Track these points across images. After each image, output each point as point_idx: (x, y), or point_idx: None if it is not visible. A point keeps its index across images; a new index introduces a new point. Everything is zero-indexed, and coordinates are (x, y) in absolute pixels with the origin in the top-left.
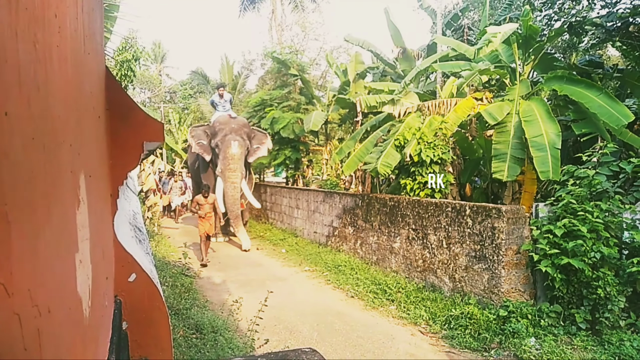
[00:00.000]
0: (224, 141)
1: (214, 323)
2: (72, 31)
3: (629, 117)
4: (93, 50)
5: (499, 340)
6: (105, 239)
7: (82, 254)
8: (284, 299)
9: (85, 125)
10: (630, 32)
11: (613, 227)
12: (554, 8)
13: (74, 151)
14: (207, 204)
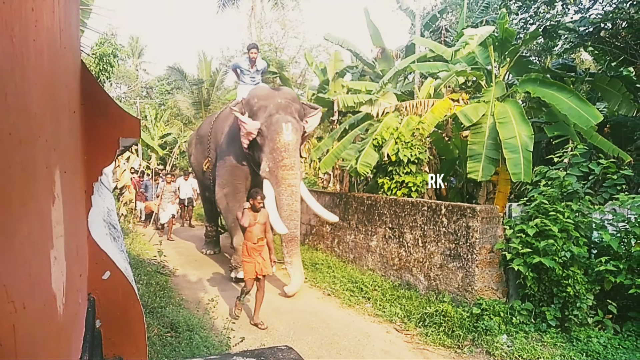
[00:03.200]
0: (271, 124)
1: (190, 321)
2: (49, 25)
3: (598, 117)
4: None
5: (472, 338)
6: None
7: (57, 251)
8: None
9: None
10: (602, 37)
11: (583, 227)
12: (530, 12)
13: (50, 147)
14: (257, 225)
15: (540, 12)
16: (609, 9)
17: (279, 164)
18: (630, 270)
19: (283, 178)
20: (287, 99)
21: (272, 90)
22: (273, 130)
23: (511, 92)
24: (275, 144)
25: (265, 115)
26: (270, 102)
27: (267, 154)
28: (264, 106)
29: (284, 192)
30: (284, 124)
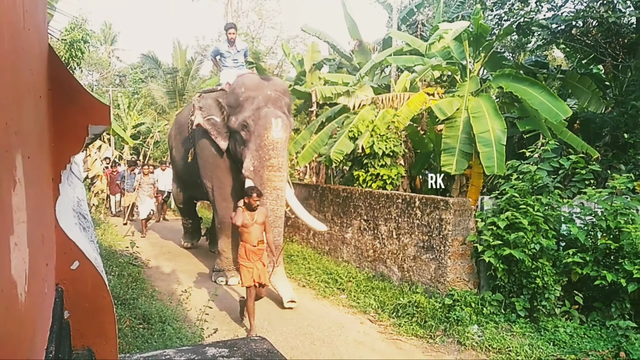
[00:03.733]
0: (259, 118)
1: (162, 313)
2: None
3: (567, 112)
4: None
5: (444, 328)
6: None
7: (18, 237)
8: (235, 289)
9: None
10: (573, 35)
11: (552, 220)
12: (504, 8)
13: (10, 130)
14: (255, 225)
15: (515, 8)
16: (580, 7)
17: (265, 164)
18: (596, 262)
19: (269, 180)
20: (278, 92)
21: (262, 80)
22: (261, 125)
23: (485, 87)
24: (263, 141)
25: (252, 108)
26: (259, 93)
27: (252, 151)
28: (251, 97)
29: (269, 195)
30: (274, 120)
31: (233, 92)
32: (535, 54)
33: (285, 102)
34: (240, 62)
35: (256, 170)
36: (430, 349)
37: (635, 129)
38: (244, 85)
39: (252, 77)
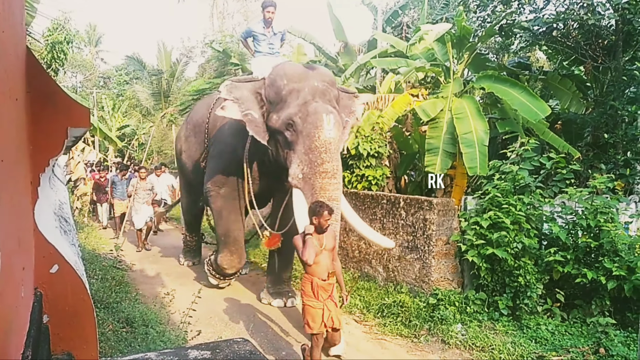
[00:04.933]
0: (307, 115)
1: (146, 316)
2: None
3: (546, 111)
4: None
5: (428, 327)
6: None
7: None
8: (220, 291)
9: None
10: (554, 37)
11: (534, 219)
12: (487, 10)
13: None
14: (324, 252)
15: (497, 10)
16: (560, 9)
17: (316, 170)
18: (577, 261)
19: (322, 189)
20: (326, 82)
21: (306, 69)
22: (310, 123)
23: (469, 89)
24: (313, 142)
25: (298, 103)
26: (305, 84)
27: (300, 155)
28: (296, 90)
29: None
30: (325, 116)
31: (273, 84)
32: (518, 55)
33: (334, 95)
34: (277, 47)
35: (306, 178)
36: (415, 348)
37: (615, 129)
38: (286, 76)
39: (295, 65)
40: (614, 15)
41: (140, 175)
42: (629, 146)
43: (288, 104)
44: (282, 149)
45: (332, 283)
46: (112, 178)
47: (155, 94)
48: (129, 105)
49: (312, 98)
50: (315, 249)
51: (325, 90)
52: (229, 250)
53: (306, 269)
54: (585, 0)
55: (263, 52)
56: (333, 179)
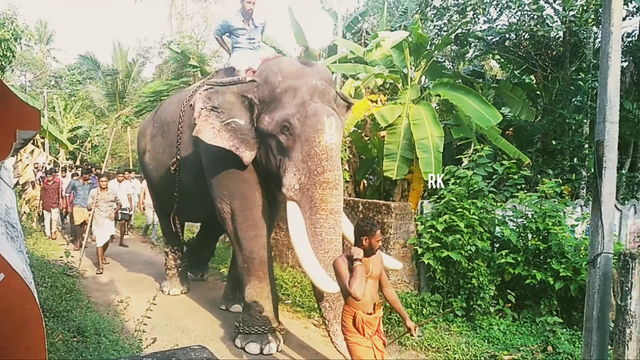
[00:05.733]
0: (306, 117)
1: (98, 325)
2: None
3: (498, 118)
4: None
5: (386, 329)
6: None
7: None
8: (176, 297)
9: None
10: (507, 47)
11: (486, 223)
12: (444, 19)
13: None
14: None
15: (453, 20)
16: (513, 20)
17: (316, 179)
18: (527, 262)
19: (323, 201)
20: (324, 81)
21: (303, 66)
22: (310, 126)
23: (425, 95)
24: (313, 148)
25: (295, 103)
26: (303, 82)
27: (297, 163)
28: (292, 88)
29: (324, 222)
30: (326, 118)
31: (266, 81)
32: (473, 63)
33: (332, 96)
34: (258, 41)
35: (304, 189)
36: None
37: (563, 136)
38: (282, 72)
39: (291, 60)
40: (561, 27)
41: (101, 184)
42: (575, 152)
43: (283, 104)
44: (275, 156)
45: (379, 317)
46: (73, 183)
47: (109, 95)
48: (81, 106)
49: (310, 98)
50: (363, 276)
51: (325, 90)
52: (256, 276)
53: (347, 300)
54: (536, 12)
55: (243, 47)
56: (335, 190)
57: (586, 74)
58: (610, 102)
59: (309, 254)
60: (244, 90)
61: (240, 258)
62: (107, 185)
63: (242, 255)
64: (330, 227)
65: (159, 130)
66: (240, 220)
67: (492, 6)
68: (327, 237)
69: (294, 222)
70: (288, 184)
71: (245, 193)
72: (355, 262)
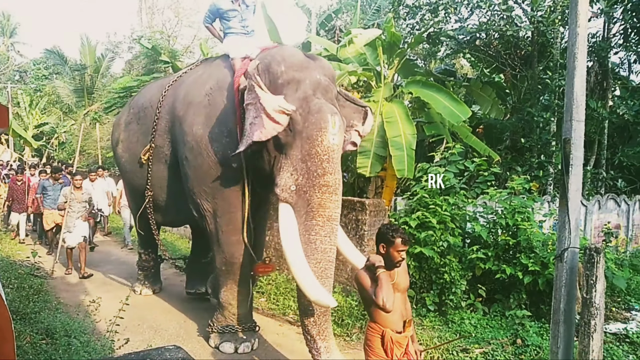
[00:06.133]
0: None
1: (68, 326)
2: None
3: (467, 113)
4: None
5: (360, 326)
6: None
7: None
8: (149, 297)
9: None
10: (477, 46)
11: (458, 219)
12: (416, 18)
13: None
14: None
15: (426, 19)
16: (483, 20)
17: (315, 182)
18: (497, 258)
19: (321, 206)
20: (328, 77)
21: (306, 58)
22: (313, 123)
23: (398, 93)
24: (314, 147)
25: (298, 97)
26: (306, 75)
27: (295, 162)
28: (295, 81)
29: (321, 229)
30: (330, 117)
31: (268, 69)
32: (444, 62)
33: (335, 94)
34: (249, 24)
35: (301, 192)
36: (347, 346)
37: (531, 133)
38: (285, 62)
39: (295, 51)
40: (530, 27)
41: (75, 183)
42: (542, 150)
43: (285, 97)
44: (269, 152)
45: (408, 336)
46: (43, 182)
47: (77, 91)
48: (48, 101)
49: (312, 93)
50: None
51: (328, 86)
52: (234, 280)
53: (374, 316)
54: (505, 12)
55: (235, 31)
56: (334, 195)
57: (553, 73)
58: (577, 102)
59: (302, 262)
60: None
61: (218, 259)
62: (82, 185)
63: (221, 258)
64: (326, 235)
65: (134, 117)
66: (223, 223)
67: (463, 6)
68: (321, 245)
69: (287, 226)
70: (283, 184)
71: (228, 194)
72: (378, 269)
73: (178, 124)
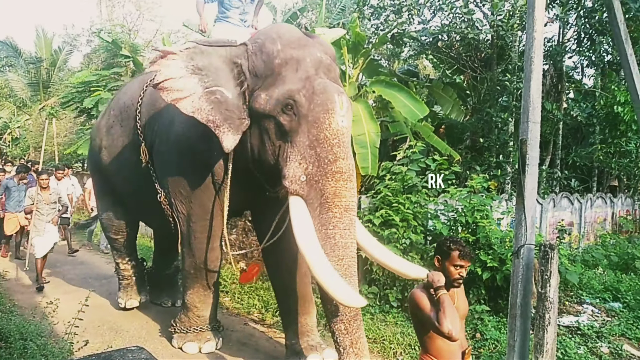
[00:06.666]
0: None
1: (24, 329)
2: None
3: (425, 111)
4: None
5: (324, 323)
6: None
7: None
8: (109, 298)
9: None
10: (439, 47)
11: (420, 217)
12: (380, 19)
13: None
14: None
15: (390, 20)
16: (445, 22)
17: (327, 169)
18: None
19: (336, 195)
20: (329, 56)
21: (305, 36)
22: (319, 105)
23: (362, 92)
24: (322, 131)
25: (299, 77)
26: (306, 53)
27: (302, 149)
28: (294, 59)
29: (339, 221)
30: (337, 97)
31: (262, 49)
32: (408, 62)
33: (338, 74)
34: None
35: (312, 181)
36: None
37: (490, 134)
38: (281, 40)
39: (291, 28)
40: (490, 31)
41: (42, 183)
42: (501, 150)
43: (284, 78)
44: (273, 142)
45: None
46: (5, 182)
47: (32, 84)
48: (0, 95)
49: (315, 72)
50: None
51: (330, 65)
52: (202, 284)
53: (429, 345)
54: (466, 15)
55: (232, 22)
56: (349, 182)
57: (512, 75)
58: (533, 104)
59: (323, 261)
60: (235, 56)
61: (188, 262)
62: (49, 184)
63: (191, 262)
64: (345, 227)
65: (116, 119)
66: (197, 229)
67: (426, 8)
68: (341, 240)
69: (301, 221)
70: (292, 175)
71: (207, 200)
72: (438, 290)
73: (157, 119)
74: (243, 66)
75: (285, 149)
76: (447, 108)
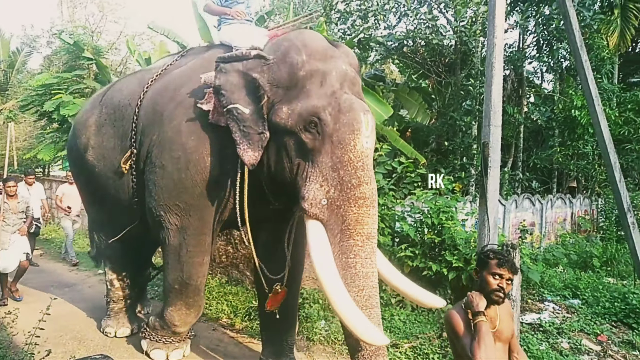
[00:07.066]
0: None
1: None
2: None
3: (389, 112)
4: None
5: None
6: None
7: None
8: (72, 306)
9: None
10: (405, 53)
11: (387, 219)
12: (347, 24)
13: None
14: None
15: (356, 24)
16: (410, 28)
17: (350, 194)
18: (424, 255)
19: (358, 222)
20: (354, 68)
21: (331, 46)
22: (346, 124)
23: None
24: (347, 153)
25: (325, 92)
26: (332, 66)
27: (325, 170)
28: (320, 72)
29: (360, 250)
30: (363, 116)
31: (285, 59)
32: (374, 67)
33: (360, 86)
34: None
35: (333, 206)
36: None
37: (454, 137)
38: (306, 50)
39: (316, 36)
40: (453, 36)
41: (9, 190)
42: (465, 152)
43: (308, 92)
44: (291, 159)
45: None
46: None
47: None
48: None
49: (340, 87)
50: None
51: (354, 78)
52: (186, 302)
53: None
54: (430, 21)
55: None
56: (372, 208)
57: (475, 80)
58: (494, 108)
59: (343, 292)
60: (251, 69)
61: (173, 276)
62: (16, 192)
63: (177, 276)
64: (367, 256)
65: (108, 118)
66: (191, 242)
67: (392, 13)
68: (362, 269)
69: (320, 248)
70: (312, 197)
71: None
72: (477, 316)
73: (158, 127)
74: (262, 79)
75: (305, 168)
76: (413, 112)
